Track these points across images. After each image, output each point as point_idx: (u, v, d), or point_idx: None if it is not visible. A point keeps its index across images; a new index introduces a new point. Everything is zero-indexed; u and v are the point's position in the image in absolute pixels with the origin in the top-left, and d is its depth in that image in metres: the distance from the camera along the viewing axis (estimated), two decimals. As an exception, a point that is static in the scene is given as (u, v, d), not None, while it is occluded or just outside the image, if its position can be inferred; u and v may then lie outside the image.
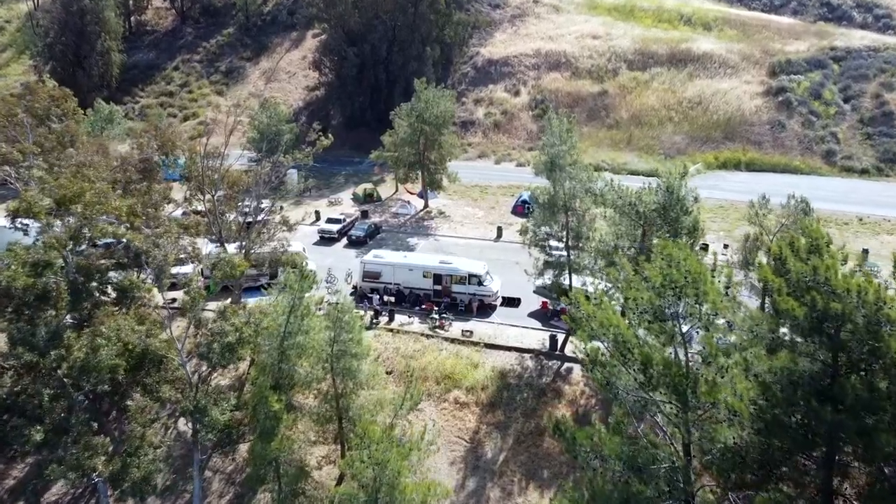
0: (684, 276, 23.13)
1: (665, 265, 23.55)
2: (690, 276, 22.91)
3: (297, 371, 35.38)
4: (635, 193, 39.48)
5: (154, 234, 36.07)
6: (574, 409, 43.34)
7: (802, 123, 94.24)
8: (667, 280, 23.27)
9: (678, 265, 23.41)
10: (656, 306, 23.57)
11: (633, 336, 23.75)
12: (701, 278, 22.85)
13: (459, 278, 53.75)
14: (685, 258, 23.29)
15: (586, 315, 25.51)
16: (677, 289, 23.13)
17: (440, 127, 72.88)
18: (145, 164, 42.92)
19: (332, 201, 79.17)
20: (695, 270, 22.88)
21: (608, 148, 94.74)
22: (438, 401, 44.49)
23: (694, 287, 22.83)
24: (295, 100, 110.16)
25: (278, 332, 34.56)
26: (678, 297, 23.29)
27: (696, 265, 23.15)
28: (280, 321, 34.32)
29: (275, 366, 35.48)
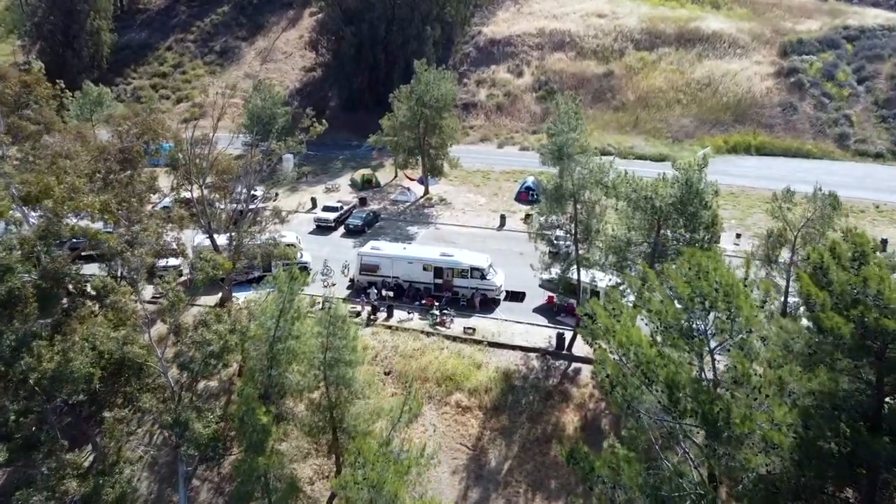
0: (715, 288, 20.59)
1: (693, 275, 20.99)
2: (722, 289, 20.38)
3: (287, 378, 32.97)
4: (651, 186, 36.79)
5: (130, 233, 33.43)
6: (582, 414, 40.97)
7: (815, 106, 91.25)
8: (695, 292, 20.74)
9: (707, 276, 20.86)
10: (683, 322, 21.01)
11: (658, 356, 21.21)
12: (734, 291, 20.31)
13: (461, 272, 51.20)
14: (715, 268, 20.75)
15: (604, 328, 22.98)
16: (707, 303, 20.57)
17: (441, 110, 69.97)
18: (125, 154, 40.23)
19: (330, 188, 76.42)
20: (727, 282, 20.35)
21: (614, 131, 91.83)
22: (439, 404, 42.11)
23: (726, 301, 20.33)
24: (291, 81, 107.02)
25: (267, 336, 32.15)
26: (708, 312, 20.74)
27: (728, 276, 20.62)
28: (269, 325, 31.87)
29: (264, 372, 33.14)
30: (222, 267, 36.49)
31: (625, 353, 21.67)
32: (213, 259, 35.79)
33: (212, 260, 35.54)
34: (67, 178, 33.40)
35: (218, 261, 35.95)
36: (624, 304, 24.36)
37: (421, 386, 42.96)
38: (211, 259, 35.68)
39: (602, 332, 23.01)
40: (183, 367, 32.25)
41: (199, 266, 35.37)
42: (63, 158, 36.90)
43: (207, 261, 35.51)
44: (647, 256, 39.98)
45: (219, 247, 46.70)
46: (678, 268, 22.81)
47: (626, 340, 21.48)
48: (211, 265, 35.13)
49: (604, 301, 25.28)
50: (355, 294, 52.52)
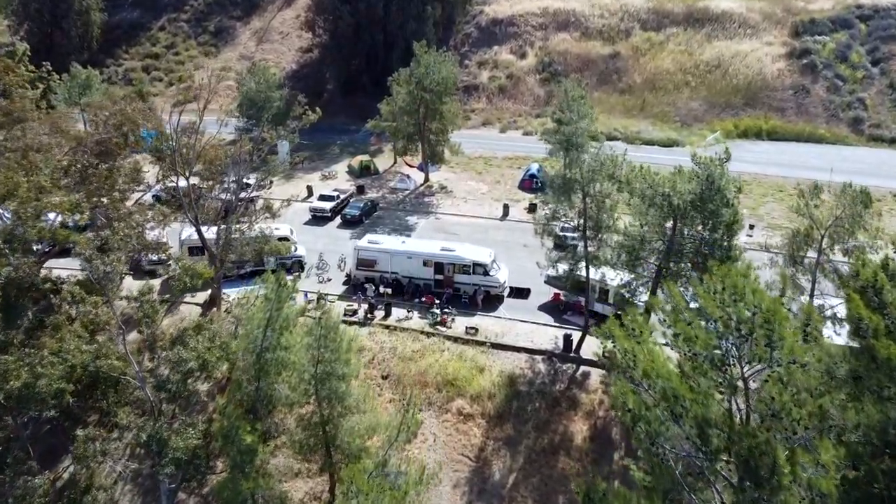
0: (753, 313, 18.06)
1: (727, 297, 18.45)
2: (762, 315, 17.85)
3: (276, 390, 30.61)
4: (668, 181, 34.15)
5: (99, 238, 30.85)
6: (592, 423, 38.62)
7: (828, 88, 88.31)
8: (730, 317, 18.22)
9: (744, 299, 18.32)
10: (716, 351, 18.52)
11: (688, 390, 18.74)
12: (776, 318, 17.78)
13: (463, 267, 48.66)
14: (754, 290, 18.20)
15: (623, 350, 20.49)
16: (744, 329, 18.07)
17: (441, 95, 67.07)
18: (103, 146, 37.58)
19: (326, 175, 73.68)
20: (768, 307, 17.82)
21: (620, 115, 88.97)
22: (440, 411, 39.75)
23: (766, 329, 17.79)
24: (288, 62, 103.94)
25: (254, 346, 29.75)
26: (745, 340, 18.25)
27: (768, 300, 18.07)
28: (256, 334, 29.46)
29: (251, 384, 30.81)
30: (201, 276, 33.93)
31: (651, 386, 19.19)
32: (192, 268, 33.19)
33: (189, 269, 32.94)
34: (34, 177, 30.74)
35: (196, 269, 33.35)
36: (644, 321, 21.83)
37: (420, 391, 40.67)
38: (189, 268, 33.08)
39: (621, 354, 20.53)
40: (158, 387, 29.77)
41: (177, 276, 32.81)
42: (34, 152, 34.27)
43: (185, 269, 32.93)
44: (662, 256, 37.52)
45: (207, 241, 44.17)
46: (707, 286, 20.26)
47: (653, 371, 19.02)
48: (189, 274, 32.57)
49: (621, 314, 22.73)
50: (352, 290, 50.05)
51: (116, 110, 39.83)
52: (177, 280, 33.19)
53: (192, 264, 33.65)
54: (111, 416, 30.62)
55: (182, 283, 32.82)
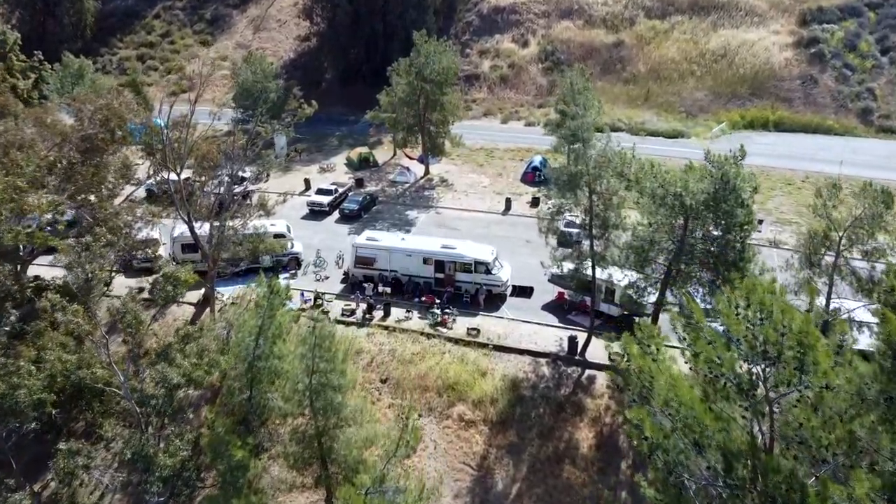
0: (782, 333, 16.57)
1: (755, 316, 16.95)
2: (793, 336, 16.35)
3: (269, 399, 29.21)
4: (680, 180, 32.54)
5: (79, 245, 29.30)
6: (598, 430, 37.19)
7: (836, 78, 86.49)
8: (757, 339, 16.72)
9: (771, 316, 16.82)
10: (742, 375, 17.04)
11: (713, 419, 17.27)
12: (809, 340, 16.29)
13: (464, 266, 47.11)
14: (783, 310, 16.69)
15: (638, 371, 19.00)
16: (774, 352, 16.58)
17: (442, 85, 65.33)
18: (88, 143, 35.95)
19: (325, 167, 72.00)
20: (800, 328, 16.31)
21: (624, 105, 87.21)
22: (440, 417, 38.34)
23: (799, 353, 16.30)
24: (285, 51, 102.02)
25: (246, 354, 28.33)
26: (773, 364, 16.76)
27: (799, 319, 16.56)
28: (248, 342, 28.03)
29: (243, 393, 29.43)
30: (185, 283, 32.40)
31: (672, 413, 17.68)
32: (174, 276, 31.59)
33: (172, 277, 31.37)
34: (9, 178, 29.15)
35: (179, 277, 31.76)
36: (660, 338, 20.34)
37: (420, 396, 39.31)
38: (171, 276, 31.50)
39: (637, 375, 19.05)
40: (141, 403, 28.29)
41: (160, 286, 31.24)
42: (16, 150, 32.67)
43: (168, 277, 31.33)
44: (672, 256, 36.02)
45: (199, 238, 42.62)
46: (728, 299, 18.76)
47: (674, 400, 17.53)
48: (171, 282, 31.00)
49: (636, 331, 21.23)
50: (350, 289, 48.54)
51: (102, 104, 38.20)
52: (159, 289, 31.56)
53: (175, 271, 31.98)
54: (96, 428, 29.21)
55: (165, 293, 31.23)
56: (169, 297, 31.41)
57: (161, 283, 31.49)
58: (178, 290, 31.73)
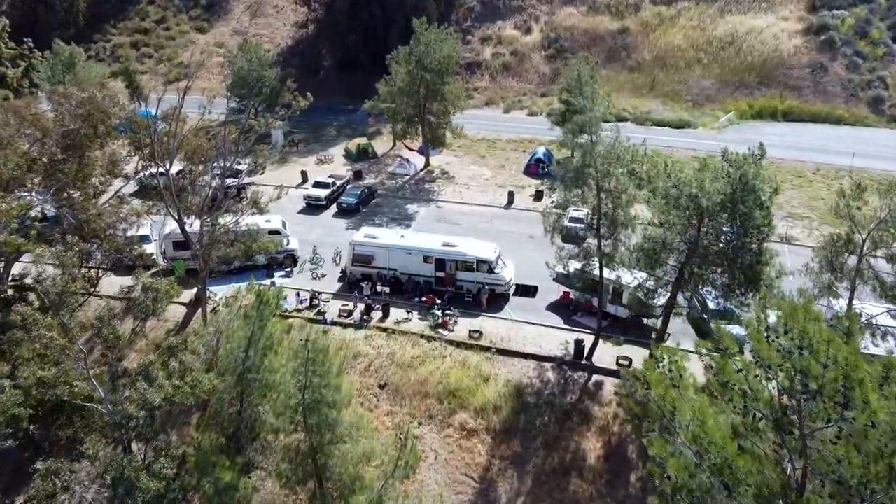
0: (824, 364, 14.83)
1: (795, 346, 15.20)
2: (840, 370, 14.62)
3: (259, 413, 27.55)
4: (696, 181, 30.68)
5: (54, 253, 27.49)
6: (606, 439, 35.54)
7: (846, 66, 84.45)
8: (798, 372, 14.99)
9: (814, 348, 15.08)
10: (778, 410, 15.32)
11: (748, 460, 15.57)
12: (856, 374, 14.56)
13: (466, 264, 45.31)
14: (827, 339, 14.94)
15: (659, 398, 17.27)
16: (815, 386, 14.86)
17: (443, 75, 63.24)
18: (69, 139, 34.09)
19: (322, 159, 70.06)
20: (847, 361, 14.58)
21: (629, 94, 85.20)
22: (441, 425, 36.68)
23: (844, 388, 14.58)
24: (283, 38, 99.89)
25: (236, 365, 26.65)
26: (813, 398, 15.05)
27: (844, 351, 14.83)
28: (237, 354, 26.34)
29: (233, 404, 27.78)
30: (167, 296, 30.62)
31: (702, 450, 15.94)
32: (155, 288, 29.76)
33: (153, 289, 29.53)
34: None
35: (159, 290, 29.92)
36: (683, 362, 18.58)
37: (420, 403, 37.66)
38: (152, 288, 29.66)
39: (657, 404, 17.33)
40: (118, 425, 26.53)
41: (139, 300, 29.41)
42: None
43: (148, 290, 29.50)
44: (684, 257, 34.26)
45: (190, 236, 40.81)
46: (758, 320, 17.01)
47: (704, 438, 15.81)
48: (151, 297, 29.18)
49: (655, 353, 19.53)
50: (347, 288, 46.81)
51: (85, 98, 36.29)
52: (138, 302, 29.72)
53: (155, 283, 30.12)
54: (77, 444, 27.60)
55: (145, 307, 29.41)
56: (149, 311, 29.55)
57: (140, 296, 29.61)
58: (159, 303, 29.88)
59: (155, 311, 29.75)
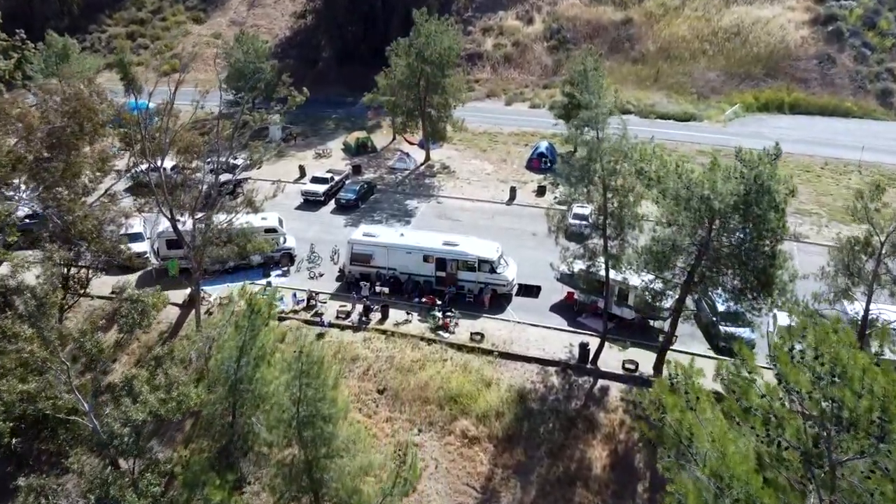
0: (858, 394, 13.62)
1: (827, 373, 13.99)
2: (872, 401, 13.41)
3: (252, 425, 26.39)
4: (708, 181, 29.37)
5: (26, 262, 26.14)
6: (612, 448, 34.35)
7: (854, 58, 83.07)
8: (829, 400, 13.78)
9: (845, 373, 13.86)
10: (807, 441, 14.12)
11: (773, 496, 14.37)
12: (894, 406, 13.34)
13: (467, 264, 44.04)
14: (864, 368, 13.72)
15: (676, 424, 16.06)
16: (849, 416, 13.65)
17: (444, 67, 61.83)
18: (54, 138, 32.78)
19: (320, 153, 68.69)
20: (883, 392, 13.36)
21: (633, 86, 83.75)
22: (442, 432, 35.49)
23: (881, 421, 13.36)
24: (281, 28, 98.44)
25: (227, 377, 25.47)
26: (846, 430, 13.84)
27: (882, 380, 13.61)
28: (228, 365, 25.14)
29: (225, 415, 26.61)
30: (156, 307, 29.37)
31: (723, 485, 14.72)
32: (141, 301, 28.49)
33: (139, 301, 28.26)
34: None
35: (146, 302, 28.66)
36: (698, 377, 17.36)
37: (420, 409, 36.47)
38: (138, 300, 28.38)
39: (675, 430, 16.13)
40: (101, 444, 25.30)
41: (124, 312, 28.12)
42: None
43: (134, 302, 28.21)
44: (694, 259, 33.02)
45: (184, 236, 39.54)
46: (783, 337, 15.78)
47: (726, 472, 14.61)
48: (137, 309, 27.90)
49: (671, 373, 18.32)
50: (345, 287, 45.57)
51: (71, 94, 34.92)
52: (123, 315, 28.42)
53: (141, 295, 28.85)
54: (62, 458, 26.44)
55: (131, 319, 28.11)
56: (135, 324, 28.26)
57: (126, 309, 28.30)
58: (145, 317, 28.59)
59: (141, 325, 28.41)
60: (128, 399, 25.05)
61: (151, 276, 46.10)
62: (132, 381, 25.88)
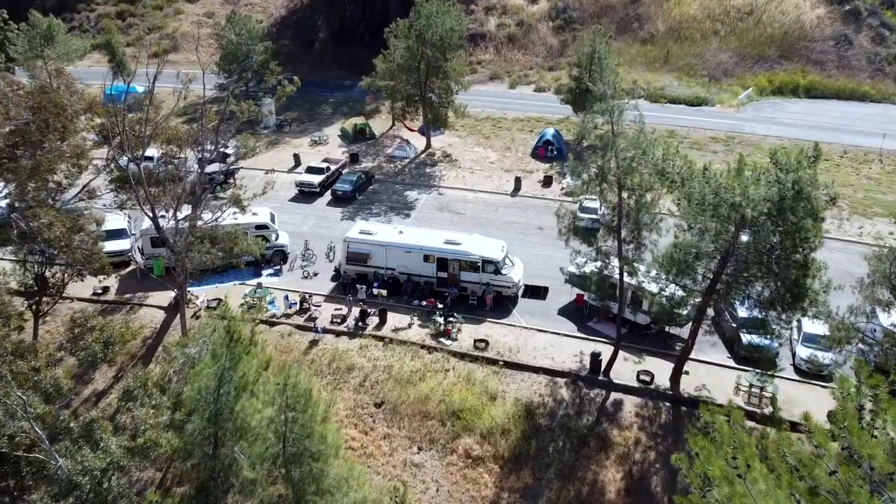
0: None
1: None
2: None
3: (236, 454, 23.87)
4: (738, 186, 26.53)
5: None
6: (627, 469, 31.86)
7: (872, 39, 79.86)
8: None
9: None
10: None
11: None
12: None
13: (470, 264, 41.36)
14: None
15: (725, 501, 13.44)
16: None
17: (445, 50, 58.64)
18: (18, 138, 29.96)
19: (317, 140, 65.64)
20: None
21: (642, 67, 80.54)
22: (443, 452, 32.99)
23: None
24: (276, 7, 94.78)
25: (205, 406, 22.91)
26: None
27: None
28: (206, 395, 22.57)
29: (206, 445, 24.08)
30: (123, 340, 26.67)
31: None
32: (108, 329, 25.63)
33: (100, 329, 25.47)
34: None
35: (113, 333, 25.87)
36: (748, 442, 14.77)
37: (420, 425, 33.98)
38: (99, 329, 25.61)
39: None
40: (57, 497, 22.65)
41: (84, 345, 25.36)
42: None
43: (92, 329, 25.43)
44: (718, 265, 30.38)
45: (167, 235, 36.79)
46: (851, 399, 13.16)
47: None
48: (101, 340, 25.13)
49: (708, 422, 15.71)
50: (341, 288, 42.92)
51: (35, 88, 31.96)
52: (81, 349, 25.59)
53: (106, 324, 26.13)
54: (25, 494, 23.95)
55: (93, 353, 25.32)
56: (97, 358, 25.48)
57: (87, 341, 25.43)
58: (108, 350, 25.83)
59: (105, 358, 25.70)
60: (87, 448, 22.40)
61: (136, 276, 43.55)
62: (92, 426, 23.12)
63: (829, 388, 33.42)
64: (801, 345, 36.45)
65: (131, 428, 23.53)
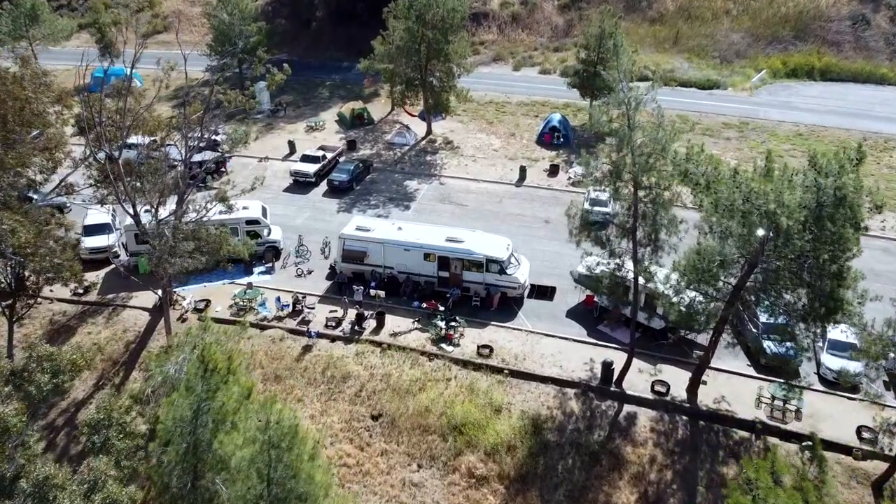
0: None
1: None
2: None
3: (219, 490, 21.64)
4: (773, 193, 23.99)
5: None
6: (642, 490, 29.62)
7: (891, 19, 76.94)
8: None
9: None
10: None
11: None
12: None
13: (473, 263, 38.94)
14: None
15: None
16: None
17: (447, 32, 55.73)
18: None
19: (313, 126, 62.92)
20: None
21: (650, 48, 77.50)
22: (445, 469, 30.74)
23: None
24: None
25: (181, 437, 20.66)
26: None
27: None
28: (181, 427, 20.30)
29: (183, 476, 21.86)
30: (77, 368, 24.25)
31: None
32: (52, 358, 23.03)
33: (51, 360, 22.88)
34: None
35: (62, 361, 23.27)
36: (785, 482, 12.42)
37: (420, 440, 31.72)
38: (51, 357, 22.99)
39: None
40: None
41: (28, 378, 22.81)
42: None
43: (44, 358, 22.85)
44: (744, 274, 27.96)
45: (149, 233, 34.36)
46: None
47: None
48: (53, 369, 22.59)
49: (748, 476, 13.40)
50: (337, 288, 40.53)
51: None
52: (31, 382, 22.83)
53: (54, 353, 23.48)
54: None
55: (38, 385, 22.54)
56: (45, 390, 22.91)
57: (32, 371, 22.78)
58: (60, 378, 23.29)
59: (57, 389, 23.20)
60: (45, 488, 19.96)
61: (119, 274, 41.17)
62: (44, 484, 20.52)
63: (856, 399, 31.33)
64: (827, 353, 34.15)
65: (89, 481, 21.11)
